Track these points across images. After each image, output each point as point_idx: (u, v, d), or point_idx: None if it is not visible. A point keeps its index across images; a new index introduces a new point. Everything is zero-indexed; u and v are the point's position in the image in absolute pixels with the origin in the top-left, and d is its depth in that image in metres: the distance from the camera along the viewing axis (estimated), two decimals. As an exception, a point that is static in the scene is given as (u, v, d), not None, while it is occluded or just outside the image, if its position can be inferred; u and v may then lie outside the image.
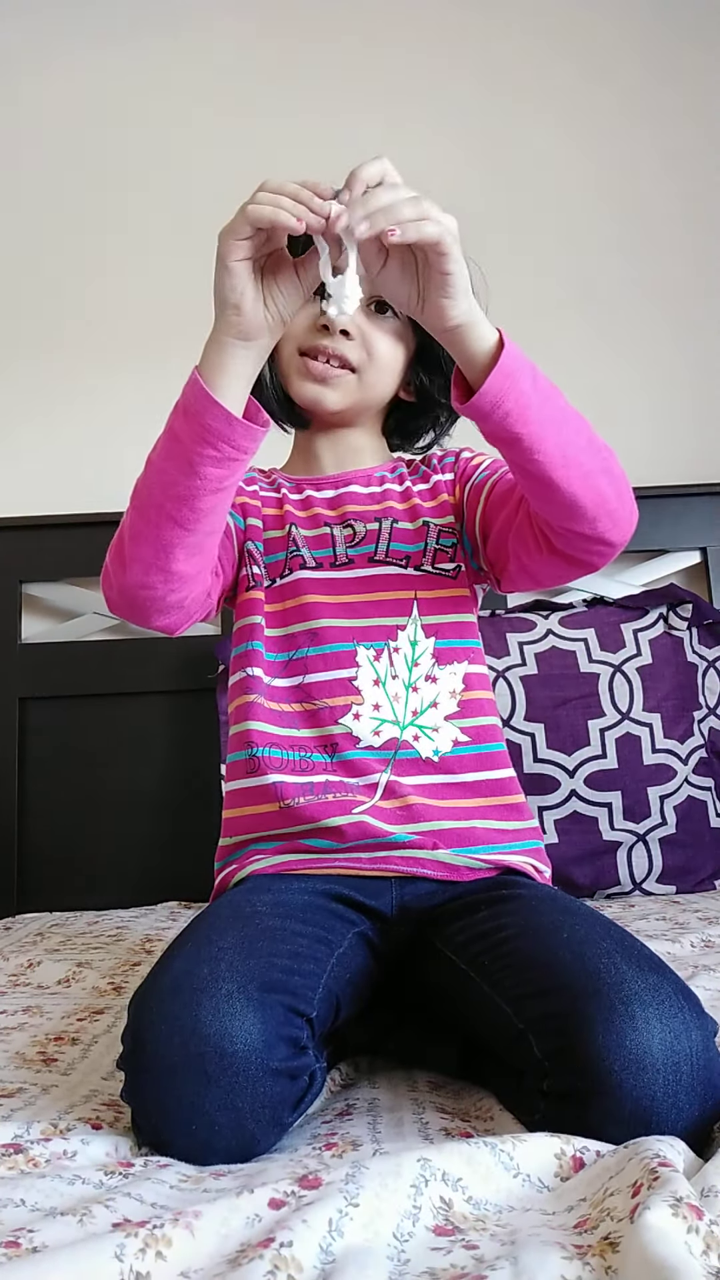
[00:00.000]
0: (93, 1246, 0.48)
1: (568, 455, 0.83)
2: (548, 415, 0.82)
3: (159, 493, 0.85)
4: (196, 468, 0.82)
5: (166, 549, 0.86)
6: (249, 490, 1.09)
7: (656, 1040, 0.64)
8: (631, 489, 0.89)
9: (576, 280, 2.09)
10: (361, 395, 1.04)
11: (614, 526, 0.87)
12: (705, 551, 1.97)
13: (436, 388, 1.07)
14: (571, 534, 0.88)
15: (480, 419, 0.82)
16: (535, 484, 0.85)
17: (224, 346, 0.82)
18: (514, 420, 0.81)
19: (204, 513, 0.85)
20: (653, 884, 1.63)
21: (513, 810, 0.98)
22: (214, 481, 0.83)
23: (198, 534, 0.86)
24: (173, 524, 0.85)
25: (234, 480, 0.85)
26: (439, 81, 2.14)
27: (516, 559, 0.96)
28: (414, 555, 1.03)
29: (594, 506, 0.85)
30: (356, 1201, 0.52)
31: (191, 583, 0.90)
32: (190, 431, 0.82)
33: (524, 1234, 0.51)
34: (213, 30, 2.16)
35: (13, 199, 2.14)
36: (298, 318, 1.01)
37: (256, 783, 0.96)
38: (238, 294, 0.79)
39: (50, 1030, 0.96)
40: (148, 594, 0.90)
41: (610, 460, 0.86)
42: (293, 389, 1.04)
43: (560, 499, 0.84)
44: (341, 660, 0.99)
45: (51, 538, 1.95)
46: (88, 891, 1.82)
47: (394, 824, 0.93)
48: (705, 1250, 0.47)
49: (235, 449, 0.82)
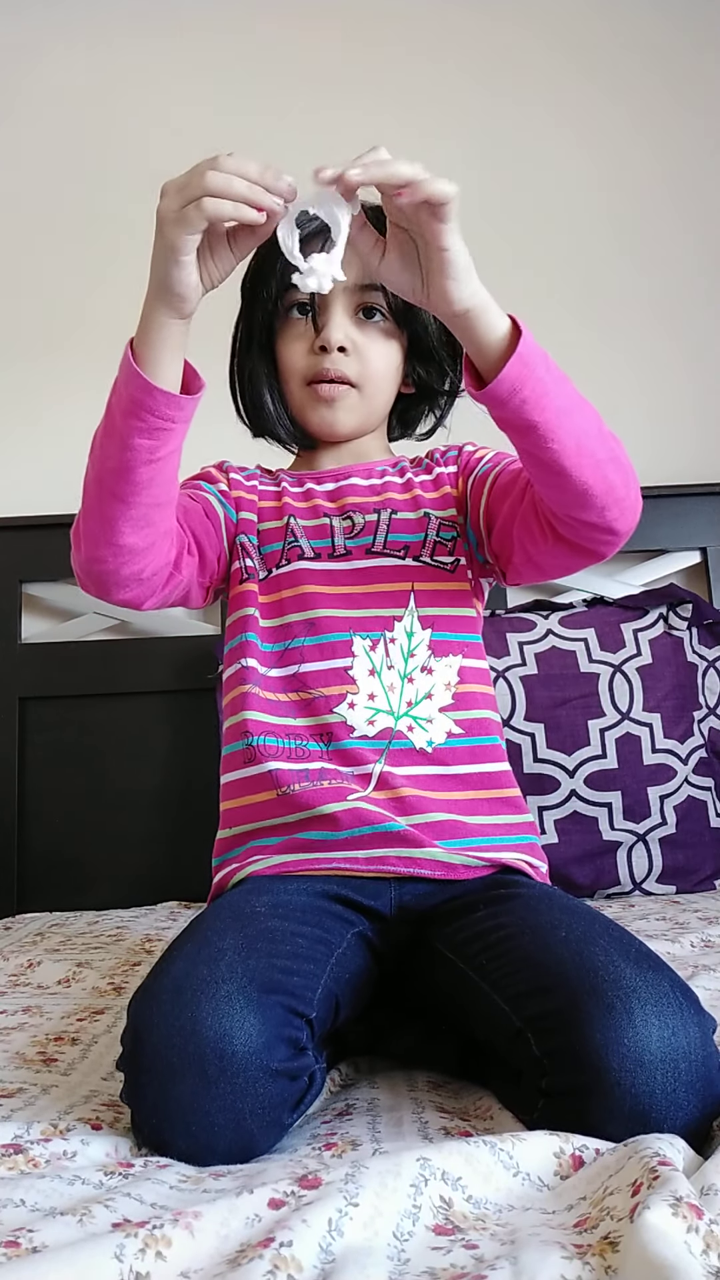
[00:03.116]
0: (93, 1246, 0.48)
1: (580, 443, 0.83)
2: (562, 403, 0.82)
3: (98, 468, 0.86)
4: (126, 440, 0.83)
5: (110, 523, 0.87)
6: (247, 485, 1.09)
7: (655, 1037, 0.64)
8: (637, 478, 0.89)
9: (576, 279, 2.09)
10: (367, 410, 1.06)
11: (621, 515, 0.87)
12: (705, 551, 1.97)
13: (433, 376, 1.08)
14: (579, 523, 0.88)
15: (496, 406, 0.82)
16: (547, 472, 0.85)
17: (160, 325, 0.81)
18: (530, 407, 0.80)
19: (141, 485, 0.85)
20: (653, 884, 1.63)
21: (507, 804, 0.98)
22: (145, 452, 0.83)
23: (139, 506, 0.86)
24: (113, 498, 0.85)
25: (167, 451, 0.84)
26: (439, 81, 2.14)
27: (522, 549, 0.96)
28: (413, 546, 1.03)
29: (604, 494, 0.85)
30: (356, 1201, 0.52)
31: (143, 555, 0.90)
32: (119, 404, 0.83)
33: (524, 1233, 0.51)
34: (211, 28, 2.15)
35: (12, 199, 2.14)
36: (293, 351, 1.04)
37: (254, 771, 0.96)
38: (184, 285, 0.79)
39: (50, 1030, 0.96)
40: (101, 568, 0.90)
41: (618, 449, 0.86)
42: (307, 419, 1.06)
43: (572, 487, 0.84)
44: (337, 650, 0.99)
45: (51, 538, 1.94)
46: (88, 891, 1.81)
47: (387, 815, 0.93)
48: (705, 1250, 0.47)
49: (160, 418, 0.82)
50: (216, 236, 0.80)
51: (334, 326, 1.01)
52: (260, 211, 0.75)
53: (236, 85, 2.13)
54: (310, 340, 1.02)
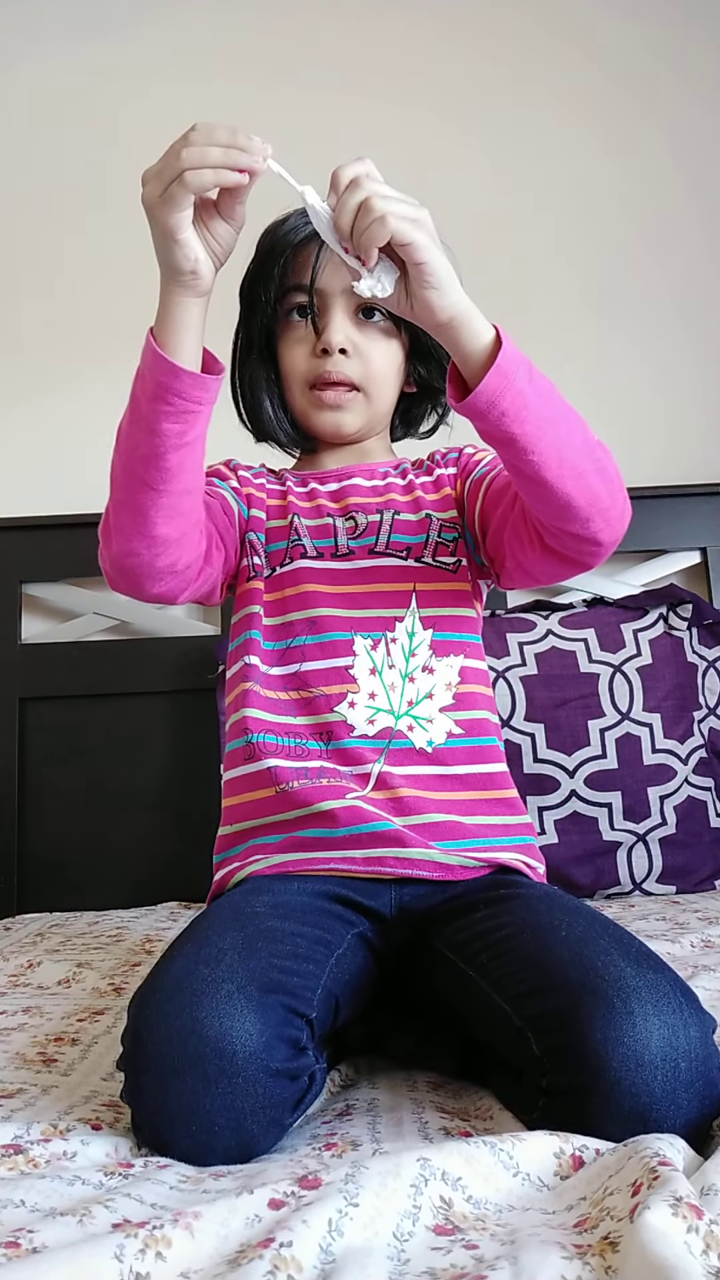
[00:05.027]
0: (92, 1247, 0.48)
1: (563, 455, 0.83)
2: (544, 415, 0.82)
3: (127, 457, 0.86)
4: (154, 425, 0.83)
5: (143, 513, 0.87)
6: (255, 483, 1.10)
7: (655, 1037, 0.64)
8: (625, 487, 0.89)
9: (584, 274, 2.08)
10: (371, 411, 1.06)
11: (606, 526, 0.87)
12: (705, 551, 1.97)
13: (434, 375, 1.09)
14: (564, 533, 0.88)
15: (476, 418, 0.82)
16: (529, 484, 0.85)
17: (179, 305, 0.81)
18: (510, 420, 0.81)
19: (172, 471, 0.85)
20: (653, 884, 1.63)
21: (505, 805, 0.98)
22: (174, 437, 0.83)
23: (170, 494, 0.86)
24: (144, 487, 0.85)
25: (195, 434, 0.85)
26: (442, 70, 2.13)
27: (512, 555, 0.97)
28: (414, 547, 1.03)
29: (587, 506, 0.85)
30: (356, 1201, 0.52)
31: (177, 546, 0.90)
32: (145, 390, 0.83)
33: (524, 1233, 0.51)
34: (208, 10, 2.14)
35: (12, 199, 2.14)
36: (294, 354, 1.04)
37: (254, 768, 0.96)
38: (192, 260, 0.79)
39: (50, 1031, 0.96)
40: (134, 561, 0.90)
41: (605, 459, 0.86)
42: (311, 423, 1.06)
43: (554, 499, 0.84)
44: (339, 649, 0.99)
45: (51, 538, 1.95)
46: (88, 891, 1.81)
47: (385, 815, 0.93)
48: (705, 1250, 0.47)
49: (187, 400, 0.82)
50: (205, 208, 0.80)
51: (334, 328, 1.01)
52: (241, 172, 0.75)
53: (234, 69, 2.12)
54: (311, 343, 1.03)
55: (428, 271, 0.78)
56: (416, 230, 0.77)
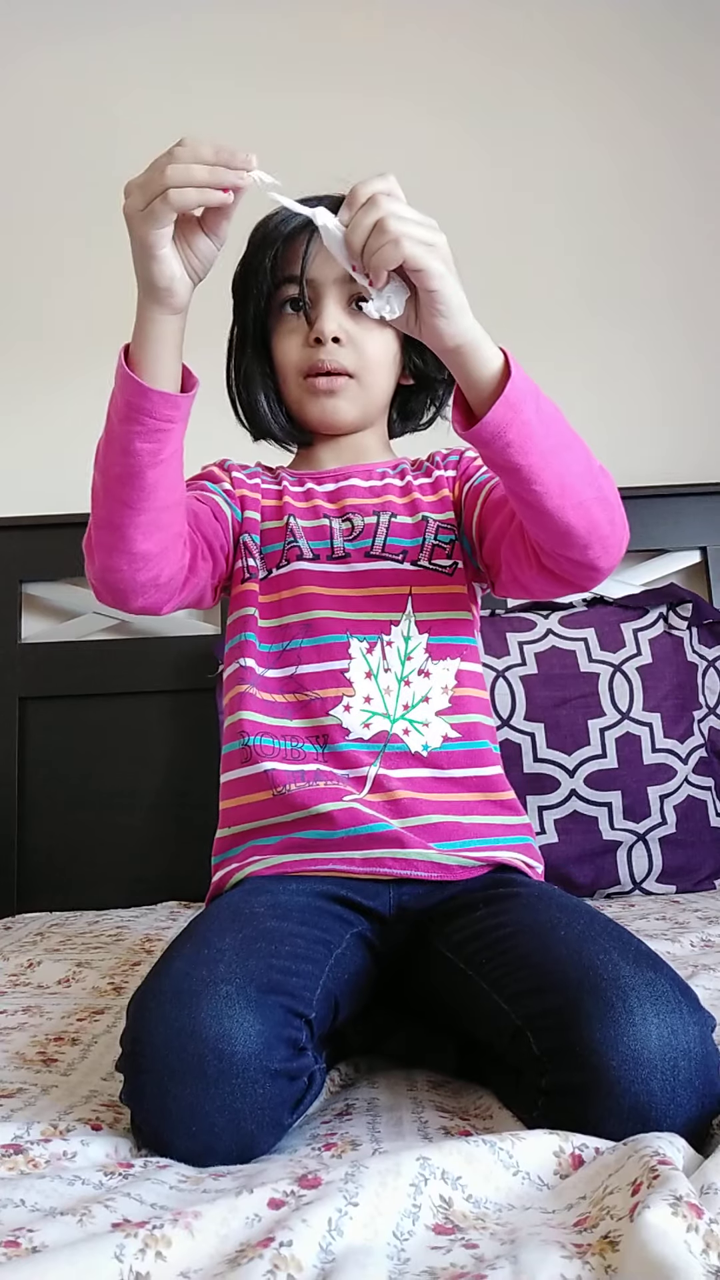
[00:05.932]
0: (92, 1246, 0.48)
1: (565, 485, 0.82)
2: (549, 445, 0.81)
3: (104, 477, 0.85)
4: (128, 445, 0.82)
5: (122, 531, 0.86)
6: (250, 483, 1.09)
7: (654, 1036, 0.64)
8: (624, 513, 0.89)
9: (584, 273, 2.08)
10: (366, 399, 1.05)
11: (605, 553, 0.87)
12: (705, 551, 1.97)
13: (430, 365, 1.08)
14: (562, 558, 0.88)
15: (481, 446, 0.81)
16: (530, 511, 0.85)
17: (153, 321, 0.80)
18: (515, 451, 0.80)
19: (148, 489, 0.84)
20: (653, 883, 1.63)
21: (502, 806, 0.98)
22: (148, 455, 0.82)
23: (149, 511, 0.85)
24: (122, 505, 0.85)
25: (170, 451, 0.83)
26: (442, 70, 2.13)
27: (508, 569, 0.97)
28: (411, 550, 1.03)
29: (587, 534, 0.85)
30: (356, 1201, 0.52)
31: (159, 560, 0.89)
32: (116, 410, 0.82)
33: (524, 1232, 0.51)
34: (209, 11, 2.14)
35: (12, 198, 2.14)
36: (288, 345, 1.03)
37: (251, 771, 0.96)
38: (168, 278, 0.77)
39: (50, 1030, 0.96)
40: (117, 577, 0.89)
41: (606, 487, 0.86)
42: (306, 412, 1.06)
43: (554, 526, 0.84)
44: (335, 652, 0.99)
45: (51, 538, 1.95)
46: (88, 891, 1.81)
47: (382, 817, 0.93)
48: (705, 1249, 0.47)
49: (157, 419, 0.81)
50: (188, 224, 0.79)
51: (327, 318, 1.01)
52: (226, 191, 0.74)
53: (237, 67, 2.12)
54: (304, 334, 1.02)
55: (439, 300, 0.77)
56: (430, 256, 0.75)
